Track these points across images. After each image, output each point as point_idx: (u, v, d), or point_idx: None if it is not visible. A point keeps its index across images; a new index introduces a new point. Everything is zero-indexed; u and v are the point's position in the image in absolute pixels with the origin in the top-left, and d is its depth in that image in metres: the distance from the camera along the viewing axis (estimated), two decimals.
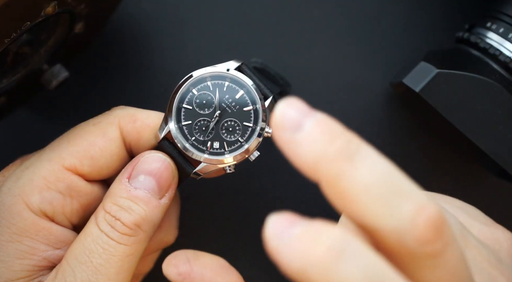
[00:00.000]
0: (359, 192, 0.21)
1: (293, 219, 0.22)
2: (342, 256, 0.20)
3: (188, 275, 0.30)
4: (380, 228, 0.21)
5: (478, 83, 0.34)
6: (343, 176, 0.22)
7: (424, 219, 0.21)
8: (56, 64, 0.36)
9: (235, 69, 0.32)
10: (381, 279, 0.20)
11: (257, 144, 0.32)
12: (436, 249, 0.21)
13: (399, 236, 0.21)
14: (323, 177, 0.22)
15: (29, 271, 0.31)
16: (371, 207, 0.21)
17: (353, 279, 0.20)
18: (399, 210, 0.21)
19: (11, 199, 0.31)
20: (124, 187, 0.31)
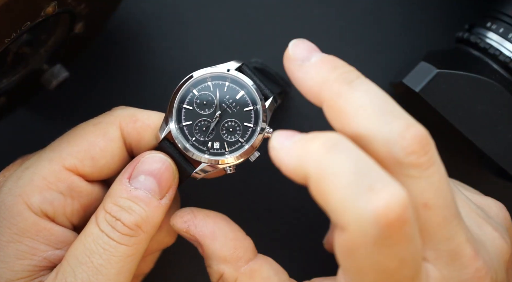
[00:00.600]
0: (356, 108, 0.25)
1: (294, 133, 0.26)
2: (334, 149, 0.24)
3: (192, 221, 0.31)
4: (372, 140, 0.25)
5: (478, 83, 0.34)
6: (343, 95, 0.26)
7: (412, 134, 0.24)
8: (56, 64, 0.36)
9: (236, 70, 0.32)
10: (369, 169, 0.23)
11: (257, 144, 0.32)
12: (421, 161, 0.25)
13: (388, 146, 0.24)
14: (325, 98, 0.26)
15: (30, 271, 0.31)
16: (365, 122, 0.25)
17: (344, 168, 0.23)
18: (390, 124, 0.25)
19: (12, 199, 0.31)
20: (125, 187, 0.31)
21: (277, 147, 0.26)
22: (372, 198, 0.23)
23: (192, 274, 0.41)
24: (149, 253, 0.35)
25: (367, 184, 0.23)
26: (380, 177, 0.23)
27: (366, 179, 0.23)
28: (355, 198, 0.23)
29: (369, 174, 0.23)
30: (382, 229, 0.23)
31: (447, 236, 0.26)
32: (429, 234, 0.26)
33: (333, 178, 0.23)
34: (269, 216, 0.41)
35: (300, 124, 0.40)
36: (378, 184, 0.23)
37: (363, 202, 0.23)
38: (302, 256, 0.41)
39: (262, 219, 0.41)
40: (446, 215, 0.26)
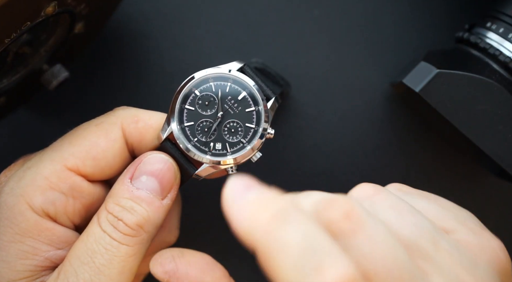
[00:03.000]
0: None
1: (250, 184, 0.24)
2: (284, 223, 0.22)
3: (173, 273, 0.30)
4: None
5: (478, 83, 0.34)
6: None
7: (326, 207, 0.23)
8: (56, 64, 0.36)
9: (238, 70, 0.32)
10: (317, 244, 0.22)
11: (259, 145, 0.32)
12: (343, 228, 0.23)
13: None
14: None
15: (32, 271, 0.31)
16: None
17: (291, 243, 0.22)
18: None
19: (14, 199, 0.31)
20: (127, 187, 0.31)
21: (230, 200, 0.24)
22: (318, 279, 0.21)
23: None
24: (151, 253, 0.35)
25: (315, 263, 0.21)
26: (328, 252, 0.22)
27: (314, 258, 0.22)
28: (300, 280, 0.21)
29: (317, 251, 0.22)
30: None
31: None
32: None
33: (280, 255, 0.22)
34: None
35: (300, 124, 0.40)
36: (326, 261, 0.22)
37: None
38: None
39: None
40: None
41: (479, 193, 0.41)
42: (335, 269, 0.21)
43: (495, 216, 0.41)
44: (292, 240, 0.22)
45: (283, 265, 0.22)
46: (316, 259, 0.22)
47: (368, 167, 0.40)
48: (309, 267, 0.21)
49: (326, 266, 0.21)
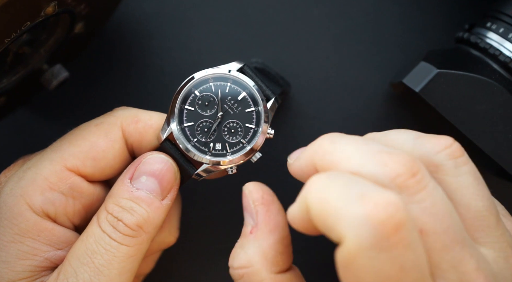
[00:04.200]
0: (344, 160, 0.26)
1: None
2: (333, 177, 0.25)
3: (266, 202, 0.31)
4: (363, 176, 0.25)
5: (478, 83, 0.34)
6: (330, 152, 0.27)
7: (394, 160, 0.25)
8: (56, 64, 0.36)
9: (237, 71, 0.32)
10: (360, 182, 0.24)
11: (259, 145, 0.32)
12: (409, 184, 0.25)
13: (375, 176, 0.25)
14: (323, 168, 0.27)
15: (31, 271, 0.31)
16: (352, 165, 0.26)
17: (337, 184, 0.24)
18: (374, 158, 0.25)
19: (13, 199, 0.31)
20: (126, 187, 0.31)
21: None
22: (363, 203, 0.23)
23: (192, 274, 0.41)
24: (150, 254, 0.35)
25: (358, 191, 0.23)
26: (372, 186, 0.24)
27: (356, 187, 0.24)
28: (347, 206, 0.23)
29: (359, 183, 0.24)
30: (376, 231, 0.23)
31: (451, 263, 0.25)
32: (434, 261, 0.25)
33: (329, 193, 0.24)
34: None
35: (300, 124, 0.40)
36: (369, 190, 0.23)
37: (356, 208, 0.23)
38: (302, 256, 0.41)
39: None
40: (446, 242, 0.25)
41: None
42: (380, 194, 0.23)
43: None
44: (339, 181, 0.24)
45: (331, 201, 0.24)
46: (360, 189, 0.23)
47: None
48: (355, 193, 0.23)
49: (371, 193, 0.23)
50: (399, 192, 0.24)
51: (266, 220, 0.30)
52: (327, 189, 0.24)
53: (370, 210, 0.23)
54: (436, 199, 0.25)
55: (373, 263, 0.23)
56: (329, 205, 0.24)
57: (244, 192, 0.31)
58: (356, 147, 0.26)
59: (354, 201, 0.23)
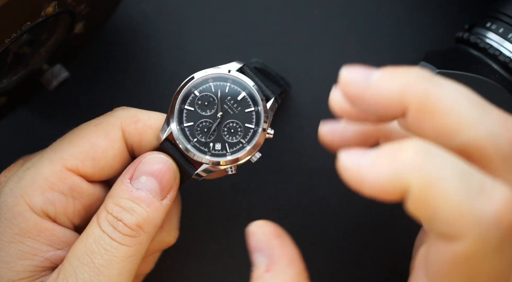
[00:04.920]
0: (452, 104, 0.23)
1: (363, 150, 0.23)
2: (431, 155, 0.22)
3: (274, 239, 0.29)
4: (475, 136, 0.23)
5: (478, 83, 0.34)
6: (433, 94, 0.23)
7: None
8: (56, 64, 0.36)
9: (237, 71, 0.32)
10: (471, 172, 0.22)
11: (259, 145, 0.32)
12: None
13: (493, 139, 0.23)
14: (412, 101, 0.24)
15: (31, 271, 0.31)
16: (465, 117, 0.23)
17: (449, 172, 0.21)
18: (490, 115, 0.23)
19: (13, 199, 0.31)
20: (126, 187, 0.31)
21: (354, 165, 0.23)
22: (488, 201, 0.21)
23: (193, 274, 0.41)
24: (150, 254, 0.35)
25: (477, 186, 0.22)
26: (484, 177, 0.22)
27: (474, 181, 0.22)
28: (471, 202, 0.21)
29: (474, 176, 0.22)
30: (504, 232, 0.21)
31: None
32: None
33: (441, 183, 0.22)
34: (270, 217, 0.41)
35: (300, 124, 0.40)
36: (487, 184, 0.22)
37: (481, 205, 0.21)
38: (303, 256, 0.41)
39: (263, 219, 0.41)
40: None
41: None
42: (501, 191, 0.21)
43: None
44: (448, 168, 0.22)
45: (448, 193, 0.21)
46: (478, 182, 0.22)
47: None
48: (475, 188, 0.21)
49: (489, 188, 0.21)
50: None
51: (283, 252, 0.28)
52: (437, 173, 0.22)
53: (499, 210, 0.21)
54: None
55: (494, 263, 0.22)
56: (445, 196, 0.21)
57: (252, 231, 0.29)
58: (466, 91, 0.24)
59: (477, 195, 0.21)
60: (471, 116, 0.23)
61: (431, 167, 0.22)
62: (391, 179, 0.22)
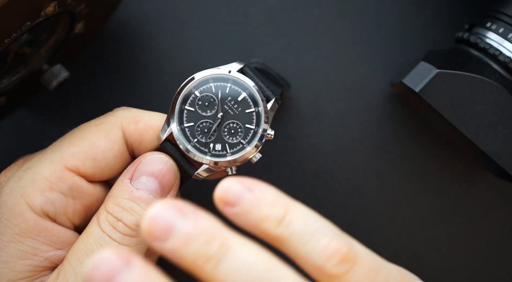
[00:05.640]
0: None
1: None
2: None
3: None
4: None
5: (478, 83, 0.34)
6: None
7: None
8: (56, 64, 0.36)
9: (238, 71, 0.32)
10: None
11: (259, 146, 0.32)
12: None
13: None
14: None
15: (31, 271, 0.31)
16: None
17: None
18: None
19: (13, 199, 0.31)
20: (126, 188, 0.31)
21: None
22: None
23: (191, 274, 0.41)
24: (150, 254, 0.35)
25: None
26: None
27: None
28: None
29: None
30: None
31: None
32: None
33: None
34: None
35: (300, 124, 0.40)
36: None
37: None
38: None
39: None
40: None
41: (479, 193, 0.41)
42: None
43: (495, 216, 0.41)
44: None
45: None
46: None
47: (368, 167, 0.40)
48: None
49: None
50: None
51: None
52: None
53: None
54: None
55: None
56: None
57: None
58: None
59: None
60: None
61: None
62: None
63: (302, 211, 0.26)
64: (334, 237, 0.25)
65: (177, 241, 0.24)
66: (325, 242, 0.25)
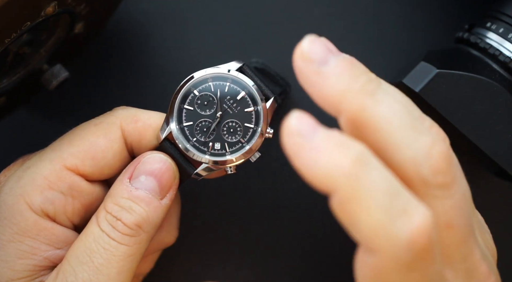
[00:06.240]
0: (382, 124, 0.24)
1: (315, 124, 0.23)
2: (367, 166, 0.22)
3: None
4: (399, 157, 0.24)
5: (478, 83, 0.34)
6: (367, 109, 0.24)
7: (438, 151, 0.24)
8: (56, 64, 0.36)
9: (237, 70, 0.32)
10: (399, 191, 0.22)
11: (258, 145, 0.32)
12: (447, 181, 0.24)
13: (415, 164, 0.23)
14: (346, 110, 0.24)
15: (30, 271, 0.31)
16: (392, 138, 0.24)
17: (378, 188, 0.22)
18: (417, 141, 0.23)
19: (13, 198, 0.31)
20: (125, 187, 0.31)
21: (298, 138, 0.23)
22: (406, 223, 0.22)
23: (192, 274, 0.41)
24: (150, 253, 0.35)
25: (401, 206, 0.22)
26: (410, 199, 0.23)
27: (399, 201, 0.22)
28: (390, 222, 0.22)
29: (400, 195, 0.23)
30: (415, 254, 0.22)
31: (464, 254, 0.25)
32: (448, 253, 0.25)
33: (366, 198, 0.22)
34: (270, 217, 0.41)
35: None
36: (410, 206, 0.22)
37: (398, 225, 0.22)
38: (302, 256, 0.41)
39: (263, 219, 0.41)
40: (465, 234, 0.25)
41: (479, 193, 0.41)
42: (421, 214, 0.22)
43: (495, 216, 0.41)
44: (378, 184, 0.22)
45: (371, 207, 0.22)
46: (402, 203, 0.22)
47: None
48: (397, 209, 0.22)
49: (411, 210, 0.22)
50: (435, 187, 0.24)
51: None
52: (366, 187, 0.22)
53: (414, 233, 0.22)
54: (462, 192, 0.25)
55: (405, 279, 0.23)
56: (367, 211, 0.22)
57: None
58: (401, 111, 0.24)
59: (397, 217, 0.22)
60: (398, 140, 0.24)
61: (362, 180, 0.22)
62: (322, 174, 0.22)
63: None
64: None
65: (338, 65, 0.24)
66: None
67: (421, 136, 0.24)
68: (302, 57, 0.25)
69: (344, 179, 0.22)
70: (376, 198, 0.22)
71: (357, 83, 0.24)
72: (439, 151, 0.24)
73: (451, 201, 0.24)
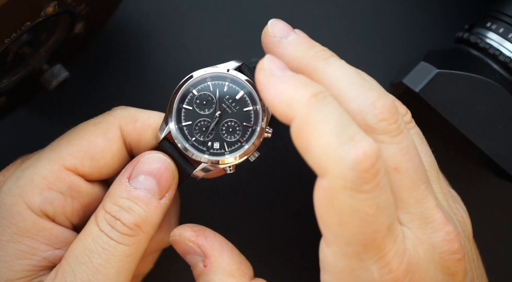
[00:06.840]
0: (332, 81, 0.28)
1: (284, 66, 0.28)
2: (323, 100, 0.26)
3: (202, 233, 0.32)
4: (347, 107, 0.27)
5: (478, 83, 0.34)
6: (320, 69, 0.28)
7: (382, 103, 0.27)
8: (56, 64, 0.36)
9: (235, 70, 0.32)
10: (350, 123, 0.26)
11: (257, 144, 0.32)
12: (391, 128, 0.27)
13: (362, 113, 0.27)
14: (303, 72, 0.29)
15: (29, 271, 0.31)
16: (342, 92, 0.28)
17: (331, 117, 0.26)
18: (363, 94, 0.27)
19: (12, 199, 0.31)
20: (124, 187, 0.31)
21: (268, 73, 0.28)
22: (353, 147, 0.25)
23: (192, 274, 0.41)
24: (149, 253, 0.35)
25: (349, 134, 0.25)
26: (359, 131, 0.26)
27: (348, 130, 0.26)
28: (338, 145, 0.25)
29: (350, 126, 0.26)
30: (359, 174, 0.25)
31: (416, 199, 0.28)
32: (401, 197, 0.28)
33: (320, 124, 0.26)
34: (269, 216, 0.41)
35: None
36: (358, 135, 0.26)
37: (345, 148, 0.25)
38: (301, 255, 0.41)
39: (262, 219, 0.41)
40: (415, 179, 0.28)
41: (479, 193, 0.41)
42: (367, 142, 0.25)
43: (495, 216, 0.41)
44: (332, 114, 0.26)
45: (322, 133, 0.25)
46: (351, 132, 0.26)
47: None
48: (346, 135, 0.25)
49: (358, 138, 0.25)
50: (380, 133, 0.27)
51: (211, 244, 0.31)
52: (320, 115, 0.26)
53: (359, 155, 0.25)
54: (409, 142, 0.28)
55: (353, 202, 0.25)
56: (319, 135, 0.25)
57: (174, 240, 0.32)
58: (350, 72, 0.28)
59: (345, 142, 0.25)
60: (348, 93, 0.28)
61: (318, 110, 0.26)
62: (281, 103, 0.27)
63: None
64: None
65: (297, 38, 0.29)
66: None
67: (368, 91, 0.27)
68: (267, 34, 0.30)
69: (302, 107, 0.26)
70: (328, 124, 0.26)
71: (311, 51, 0.29)
72: (383, 102, 0.27)
73: (398, 147, 0.27)
